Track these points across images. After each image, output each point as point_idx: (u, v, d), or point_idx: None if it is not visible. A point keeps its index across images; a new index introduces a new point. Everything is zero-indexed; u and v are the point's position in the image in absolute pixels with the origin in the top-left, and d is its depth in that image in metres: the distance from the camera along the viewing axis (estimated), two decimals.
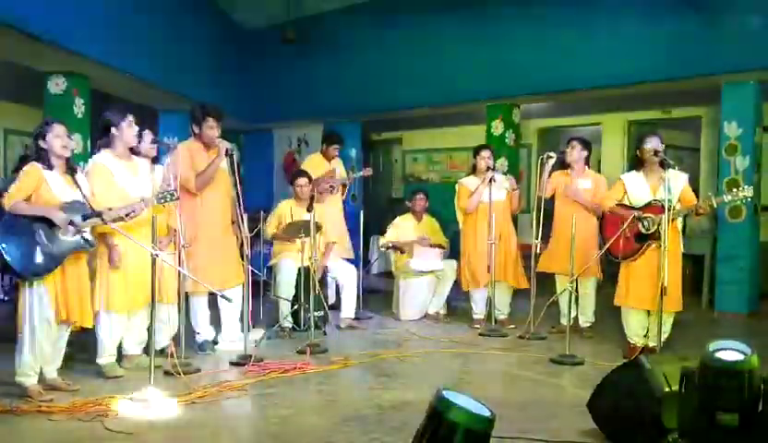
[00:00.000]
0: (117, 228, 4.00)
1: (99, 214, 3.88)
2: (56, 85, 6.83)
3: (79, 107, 6.91)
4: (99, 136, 4.36)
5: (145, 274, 4.05)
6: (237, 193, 4.70)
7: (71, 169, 3.97)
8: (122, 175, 4.24)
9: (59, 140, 3.86)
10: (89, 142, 6.98)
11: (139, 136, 4.39)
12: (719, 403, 2.60)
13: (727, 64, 6.48)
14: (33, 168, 3.81)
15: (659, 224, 4.59)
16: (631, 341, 5.00)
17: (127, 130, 4.26)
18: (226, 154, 4.79)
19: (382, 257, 7.94)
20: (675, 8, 6.73)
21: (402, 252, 6.58)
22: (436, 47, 8.54)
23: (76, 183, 3.95)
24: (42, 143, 3.84)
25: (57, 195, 3.82)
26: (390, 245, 6.66)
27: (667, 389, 2.89)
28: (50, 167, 3.84)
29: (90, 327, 4.04)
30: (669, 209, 4.44)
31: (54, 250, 3.74)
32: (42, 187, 3.78)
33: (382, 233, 6.89)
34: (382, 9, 9.02)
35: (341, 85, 9.43)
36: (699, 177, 8.54)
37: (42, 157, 3.83)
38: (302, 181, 6.03)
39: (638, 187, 4.92)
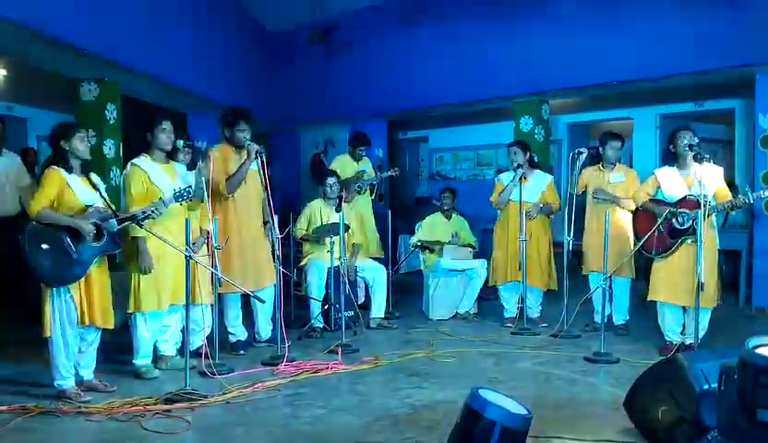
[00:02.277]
0: (151, 231, 4.06)
1: (134, 217, 3.95)
2: (88, 91, 6.95)
3: (111, 113, 7.02)
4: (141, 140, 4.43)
5: (179, 275, 4.11)
6: (268, 194, 4.73)
7: (86, 171, 4.00)
8: (159, 178, 4.30)
9: (84, 144, 3.91)
10: (121, 147, 7.10)
11: (174, 140, 4.45)
12: (760, 401, 2.54)
13: (761, 54, 6.33)
14: (54, 172, 3.82)
15: (694, 219, 4.51)
16: (668, 339, 4.92)
17: (161, 135, 4.33)
18: (256, 156, 4.83)
19: (412, 256, 7.92)
20: None
21: (431, 251, 6.57)
22: (462, 44, 8.50)
23: (93, 185, 3.99)
24: (64, 144, 3.85)
25: (80, 198, 3.86)
26: (420, 243, 6.65)
27: (706, 387, 2.83)
28: (69, 170, 3.87)
29: (111, 328, 4.07)
30: (705, 205, 4.35)
31: (83, 257, 3.78)
32: (65, 191, 3.81)
33: (410, 232, 6.88)
34: (407, 8, 9.01)
35: (366, 85, 9.44)
36: (733, 170, 8.37)
37: (62, 159, 3.85)
38: (330, 181, 6.05)
39: (672, 182, 4.83)
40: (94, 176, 4.06)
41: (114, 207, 4.05)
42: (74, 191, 3.84)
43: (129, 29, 6.57)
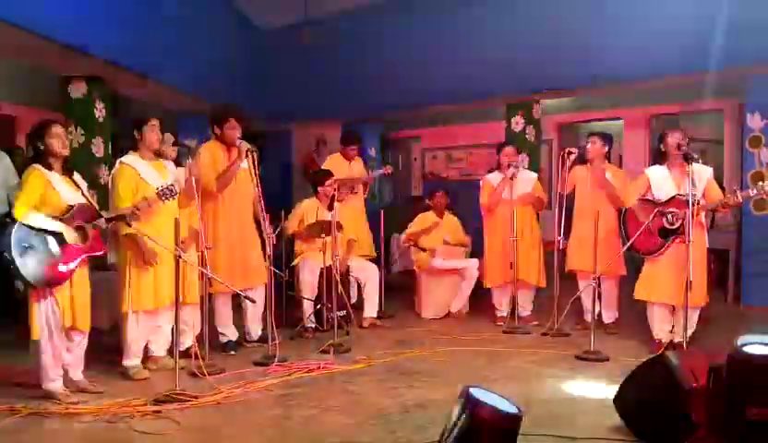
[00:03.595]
0: (138, 230, 4.05)
1: (123, 217, 3.92)
2: (77, 89, 6.90)
3: (100, 111, 6.98)
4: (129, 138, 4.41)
5: (168, 275, 4.09)
6: (259, 193, 4.72)
7: (68, 170, 3.95)
8: (148, 177, 4.28)
9: (57, 140, 3.82)
10: (110, 145, 7.06)
11: (162, 138, 4.44)
12: (748, 398, 2.56)
13: (750, 55, 6.37)
14: (35, 171, 3.77)
15: (683, 219, 4.53)
16: (657, 337, 4.94)
17: (149, 133, 4.31)
18: (246, 154, 4.81)
19: (404, 256, 7.92)
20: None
21: (423, 250, 6.57)
22: (454, 44, 8.50)
23: (75, 184, 3.94)
24: (39, 144, 3.80)
25: (63, 198, 3.81)
26: (412, 242, 6.65)
27: (695, 385, 2.85)
28: (49, 168, 3.82)
29: (87, 329, 4.00)
30: (694, 204, 4.38)
31: (68, 259, 3.74)
32: (48, 190, 3.76)
33: (402, 231, 6.88)
34: (399, 7, 8.99)
35: (358, 84, 9.42)
36: (722, 170, 8.42)
37: (41, 158, 3.80)
38: (328, 182, 6.04)
39: (662, 182, 4.86)
40: (77, 176, 4.01)
41: (97, 206, 4.01)
42: (57, 190, 3.79)
43: (119, 26, 6.53)
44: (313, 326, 5.75)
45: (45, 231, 3.70)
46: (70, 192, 3.87)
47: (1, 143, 7.41)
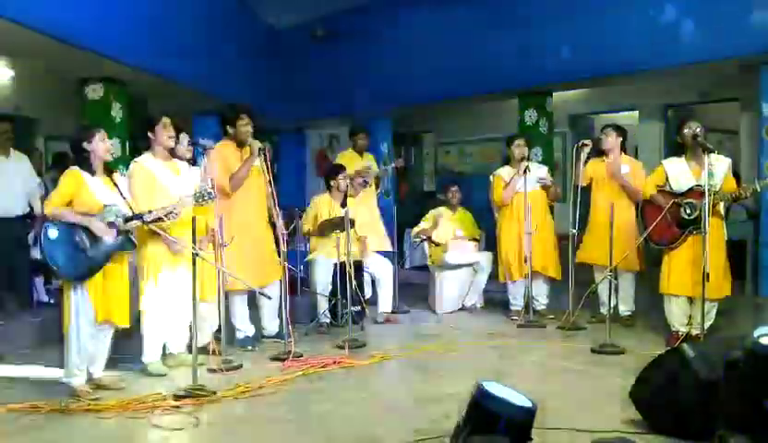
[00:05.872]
0: (157, 229, 4.09)
1: (140, 217, 3.97)
2: (94, 91, 6.98)
3: (117, 112, 7.05)
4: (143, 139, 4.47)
5: (186, 272, 4.13)
6: (272, 190, 4.75)
7: (108, 171, 4.06)
8: (163, 176, 4.33)
9: (104, 144, 3.98)
10: (127, 146, 7.13)
11: (176, 138, 4.47)
12: (765, 390, 2.55)
13: (765, 44, 6.30)
14: (73, 173, 3.89)
15: (701, 210, 4.50)
16: (674, 329, 4.92)
17: (163, 132, 4.35)
18: (259, 153, 4.84)
19: (417, 251, 7.93)
20: None
21: (436, 244, 6.58)
22: (465, 37, 8.48)
23: (115, 184, 4.03)
24: (87, 146, 3.92)
25: (98, 198, 3.89)
26: (423, 237, 6.65)
27: (712, 377, 2.84)
28: (92, 171, 3.93)
29: (127, 326, 4.09)
30: (711, 195, 4.35)
31: (98, 254, 3.82)
32: (83, 192, 3.86)
33: (416, 226, 6.89)
34: (411, 2, 8.99)
35: (370, 79, 9.43)
36: (739, 160, 8.33)
37: (85, 161, 3.92)
38: (341, 176, 6.05)
39: (679, 173, 4.83)
40: (116, 176, 4.11)
41: (132, 206, 4.07)
42: (92, 191, 3.88)
43: (134, 28, 6.59)
44: (328, 321, 5.78)
45: (74, 226, 3.79)
46: (106, 192, 3.96)
47: (20, 144, 7.51)
